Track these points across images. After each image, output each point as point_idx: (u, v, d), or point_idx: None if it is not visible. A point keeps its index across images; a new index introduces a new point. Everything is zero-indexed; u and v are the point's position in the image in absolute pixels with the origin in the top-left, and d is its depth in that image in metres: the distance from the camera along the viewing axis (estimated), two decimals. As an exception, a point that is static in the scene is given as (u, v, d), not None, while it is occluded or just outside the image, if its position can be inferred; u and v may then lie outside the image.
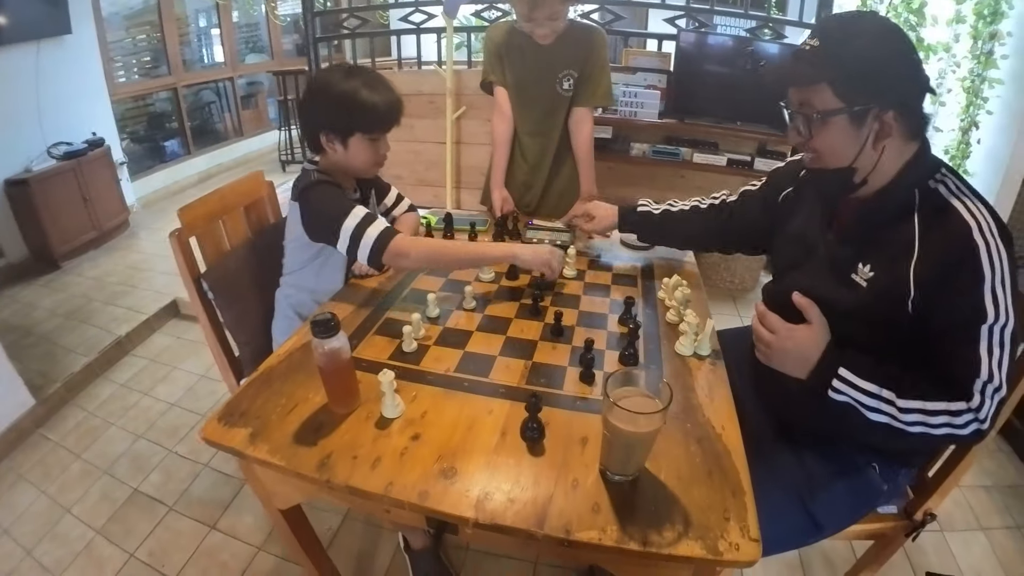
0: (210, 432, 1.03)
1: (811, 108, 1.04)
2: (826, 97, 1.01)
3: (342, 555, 1.78)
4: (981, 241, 0.94)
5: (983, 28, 2.50)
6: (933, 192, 1.02)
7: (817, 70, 1.01)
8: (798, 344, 1.06)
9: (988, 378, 0.96)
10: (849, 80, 0.98)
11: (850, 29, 1.01)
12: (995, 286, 0.93)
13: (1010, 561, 1.82)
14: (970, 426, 0.98)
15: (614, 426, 0.86)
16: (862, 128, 1.01)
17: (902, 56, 0.98)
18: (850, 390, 1.01)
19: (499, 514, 0.86)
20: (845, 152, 1.04)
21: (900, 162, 1.04)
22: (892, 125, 0.99)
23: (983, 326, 0.95)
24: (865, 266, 1.08)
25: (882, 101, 0.98)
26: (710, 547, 0.82)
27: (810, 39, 1.03)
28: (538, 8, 1.74)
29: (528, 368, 1.20)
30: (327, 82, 1.41)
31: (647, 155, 3.15)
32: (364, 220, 1.37)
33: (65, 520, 1.93)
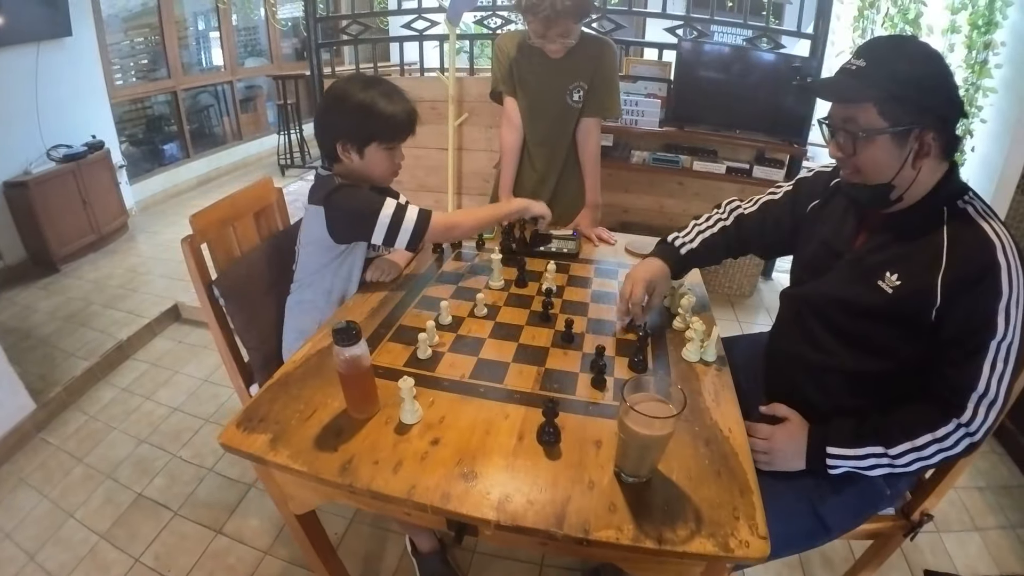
0: (228, 438, 1.04)
1: (856, 126, 1.07)
2: (871, 116, 1.04)
3: (349, 558, 1.79)
4: (1004, 260, 0.99)
5: (977, 38, 2.54)
6: (961, 211, 1.07)
7: (863, 89, 1.04)
8: (785, 441, 1.17)
9: (984, 392, 1.01)
10: (894, 100, 1.02)
11: (895, 51, 1.05)
12: (1010, 304, 0.98)
13: (1004, 559, 1.85)
14: (961, 443, 1.04)
15: (630, 429, 0.88)
16: (904, 147, 1.04)
17: (943, 78, 1.02)
18: (843, 462, 1.11)
19: (520, 515, 0.88)
20: (887, 169, 1.07)
21: (933, 181, 1.09)
22: (931, 145, 1.03)
23: (992, 341, 0.99)
24: (892, 274, 1.11)
25: (923, 121, 1.02)
26: (721, 544, 0.85)
27: (855, 59, 1.07)
28: (553, 26, 1.76)
29: (541, 374, 1.23)
30: (345, 92, 1.43)
31: (647, 162, 3.18)
32: (399, 209, 1.45)
33: (68, 524, 1.93)
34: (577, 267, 1.74)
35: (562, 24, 1.76)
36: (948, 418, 1.04)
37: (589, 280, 1.66)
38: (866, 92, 1.04)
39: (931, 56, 1.04)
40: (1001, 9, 2.47)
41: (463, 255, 1.81)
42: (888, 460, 1.07)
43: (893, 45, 1.10)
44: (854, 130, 1.07)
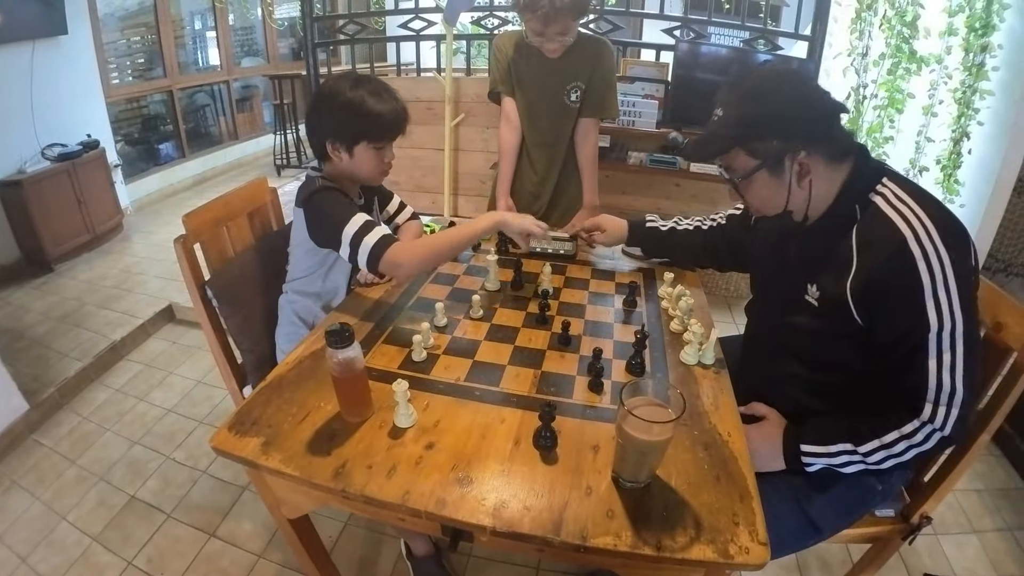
0: (220, 441, 1.02)
1: (735, 172, 1.13)
2: (741, 159, 1.09)
3: (343, 562, 1.78)
4: (917, 249, 0.95)
5: (975, 41, 2.54)
6: (872, 205, 1.05)
7: (726, 139, 1.10)
8: (761, 440, 1.18)
9: (938, 387, 0.99)
10: (754, 139, 1.06)
11: (741, 93, 1.09)
12: (936, 292, 0.95)
13: (1001, 562, 1.85)
14: (932, 439, 1.02)
15: (628, 434, 0.87)
16: (782, 175, 1.08)
17: (793, 101, 1.04)
18: (818, 459, 1.11)
19: (516, 521, 0.87)
20: (776, 200, 1.12)
21: (834, 188, 1.10)
22: (808, 163, 1.05)
23: (928, 335, 0.97)
24: (812, 286, 1.14)
25: (790, 146, 1.04)
26: (721, 550, 0.84)
27: (716, 110, 1.12)
28: (551, 24, 1.75)
29: (537, 377, 1.22)
30: (334, 91, 1.41)
31: (644, 163, 3.17)
32: (363, 227, 1.36)
33: (61, 527, 1.92)
34: (574, 268, 1.73)
35: (561, 22, 1.75)
36: (911, 417, 1.02)
37: (586, 282, 1.65)
38: (728, 141, 1.10)
39: (782, 83, 1.07)
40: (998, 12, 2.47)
41: (459, 256, 1.79)
42: (859, 458, 1.06)
43: (736, 89, 1.11)
44: (733, 177, 1.13)
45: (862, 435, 1.06)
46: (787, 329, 1.22)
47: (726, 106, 1.10)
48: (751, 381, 1.35)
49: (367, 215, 1.41)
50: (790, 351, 1.23)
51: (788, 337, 1.23)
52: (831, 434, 1.10)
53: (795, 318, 1.18)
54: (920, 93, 2.82)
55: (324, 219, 1.42)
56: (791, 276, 1.20)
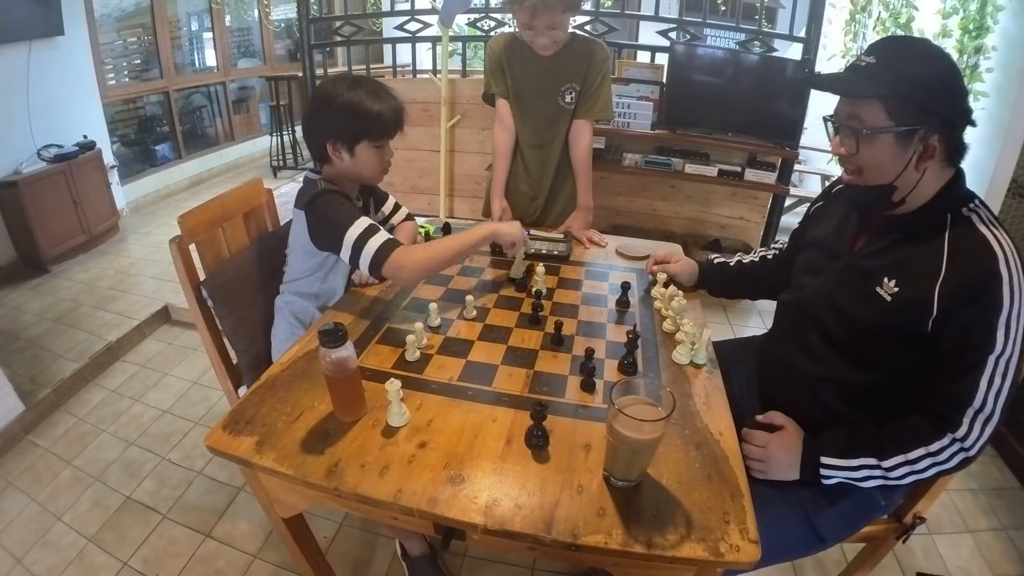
0: (215, 440, 1.03)
1: (860, 123, 1.05)
2: (876, 113, 1.02)
3: (339, 563, 1.78)
4: (1005, 272, 0.96)
5: (969, 42, 2.56)
6: (965, 219, 1.04)
7: (870, 86, 1.03)
8: (780, 449, 1.15)
9: (980, 407, 0.99)
10: (900, 99, 1.00)
11: (905, 51, 1.03)
12: (1010, 318, 0.96)
13: (996, 561, 1.86)
14: (955, 457, 1.02)
15: (619, 433, 0.88)
16: (908, 148, 1.02)
17: (952, 82, 1.01)
18: (836, 472, 1.09)
19: (508, 520, 0.87)
20: (889, 169, 1.06)
21: (937, 186, 1.07)
22: (936, 148, 1.01)
23: (990, 356, 0.97)
24: (891, 281, 1.09)
25: (929, 123, 1.00)
26: (712, 548, 0.84)
27: (865, 56, 1.05)
28: (538, 16, 1.75)
29: (530, 377, 1.22)
30: (332, 92, 1.42)
31: (640, 165, 3.18)
32: (366, 231, 1.38)
33: (56, 528, 1.92)
34: (568, 269, 1.73)
35: (548, 15, 1.75)
36: (943, 432, 1.02)
37: (580, 282, 1.65)
38: (872, 89, 1.02)
39: (942, 59, 1.02)
40: (992, 14, 2.48)
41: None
42: (881, 472, 1.05)
43: (904, 45, 1.08)
44: (858, 127, 1.05)
45: (886, 449, 1.05)
46: (839, 322, 1.19)
47: (881, 55, 1.03)
48: (774, 383, 1.34)
49: (369, 218, 1.42)
50: (836, 347, 1.21)
51: (838, 331, 1.20)
52: (853, 447, 1.08)
53: (854, 309, 1.15)
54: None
55: (326, 222, 1.43)
56: (862, 266, 1.16)
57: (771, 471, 1.15)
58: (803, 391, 1.26)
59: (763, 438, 1.17)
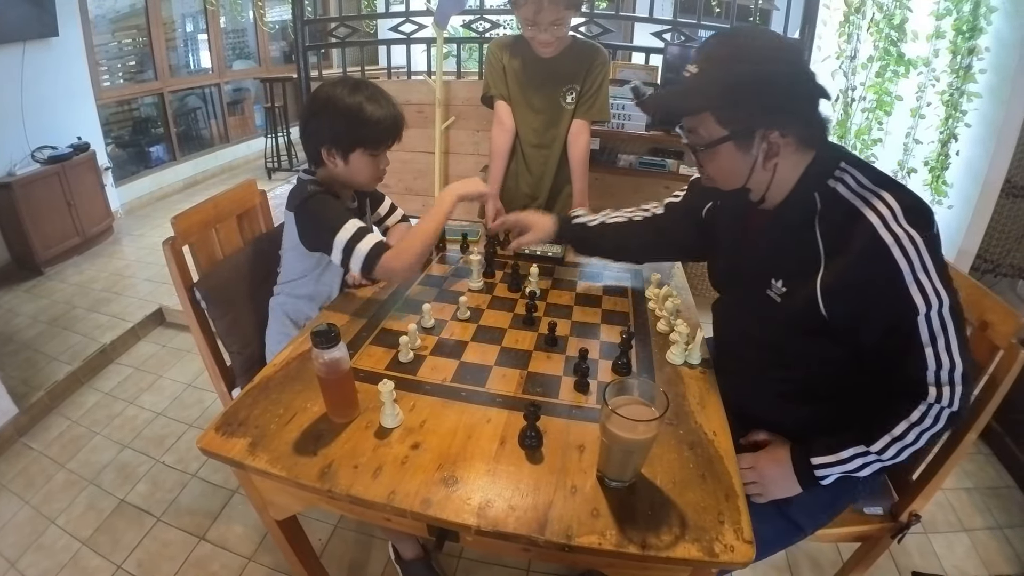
0: (208, 442, 1.02)
1: (698, 137, 1.04)
2: (710, 125, 1.00)
3: (333, 565, 1.78)
4: (889, 236, 0.91)
5: (962, 43, 2.55)
6: (831, 192, 1.00)
7: (697, 100, 1.00)
8: (769, 464, 1.13)
9: (938, 366, 0.95)
10: (728, 106, 0.97)
11: (727, 51, 0.99)
12: (917, 276, 0.91)
13: (992, 560, 1.86)
14: (941, 417, 0.99)
15: (613, 433, 0.88)
16: (750, 151, 1.00)
17: (783, 72, 0.96)
18: (832, 469, 1.07)
19: (501, 521, 0.87)
20: (736, 176, 1.05)
21: (798, 172, 1.03)
22: (779, 143, 0.98)
23: (917, 318, 0.93)
24: (777, 281, 1.09)
25: (765, 122, 0.97)
26: (706, 549, 0.84)
27: (691, 65, 1.02)
28: (542, 12, 1.77)
29: (524, 377, 1.22)
30: (331, 96, 1.40)
31: (634, 166, 3.18)
32: (356, 234, 1.37)
33: (50, 531, 1.90)
34: (562, 270, 1.73)
35: (551, 11, 1.77)
36: (916, 403, 0.98)
37: (574, 283, 1.66)
38: (699, 102, 1.00)
39: (767, 49, 0.98)
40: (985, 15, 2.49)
41: (447, 258, 1.80)
42: (874, 456, 1.03)
43: (724, 43, 1.02)
44: (696, 142, 1.04)
45: (871, 434, 1.02)
46: (753, 326, 1.19)
47: (705, 62, 1.00)
48: (726, 386, 1.29)
49: (359, 220, 1.42)
50: (759, 349, 1.20)
51: (755, 334, 1.20)
52: (839, 440, 1.06)
53: (759, 314, 1.15)
54: (908, 95, 2.83)
55: (315, 224, 1.42)
56: (752, 270, 1.15)
57: (769, 490, 1.13)
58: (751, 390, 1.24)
59: (750, 459, 1.15)
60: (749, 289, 1.16)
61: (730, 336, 1.33)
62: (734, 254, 1.24)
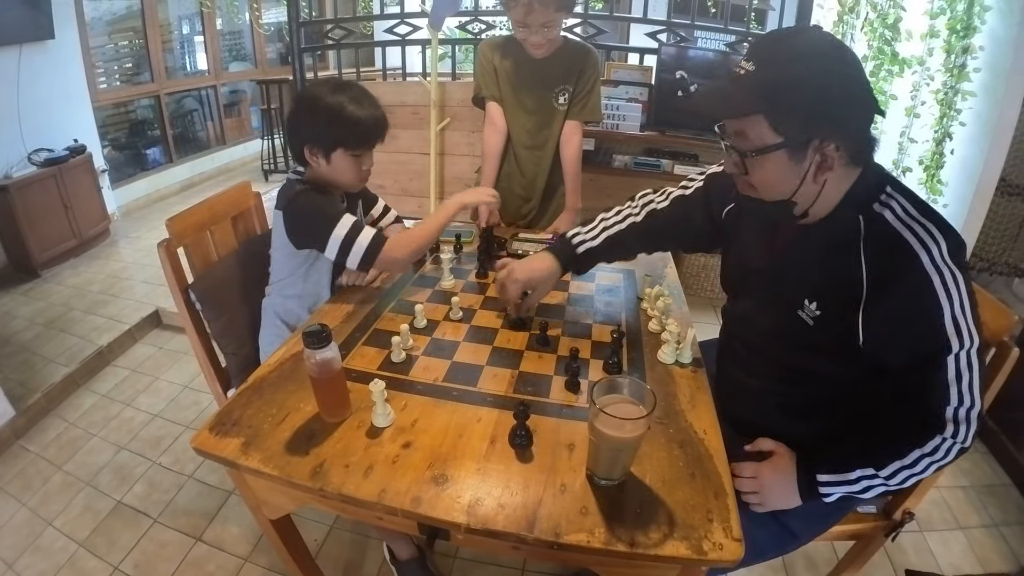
0: (201, 442, 1.03)
1: (745, 141, 0.96)
2: (762, 129, 0.93)
3: (329, 566, 1.78)
4: (934, 271, 0.89)
5: (956, 42, 2.56)
6: (878, 218, 0.95)
7: (751, 100, 0.92)
8: (772, 474, 1.10)
9: (959, 403, 0.94)
10: (786, 111, 0.90)
11: (787, 51, 0.92)
12: (955, 314, 0.89)
13: (987, 558, 1.87)
14: (952, 452, 0.98)
15: (601, 432, 0.88)
16: (802, 161, 0.93)
17: (845, 81, 0.90)
18: (836, 488, 1.04)
19: (490, 519, 0.88)
20: (784, 187, 0.98)
21: (843, 189, 0.98)
22: (834, 157, 0.92)
23: (948, 357, 0.92)
24: (812, 303, 1.03)
25: (822, 133, 0.91)
26: (695, 547, 0.84)
27: (744, 61, 0.94)
28: (533, 13, 1.77)
29: (515, 377, 1.23)
30: (314, 96, 1.42)
31: (629, 167, 3.19)
32: (353, 228, 1.41)
33: (47, 533, 1.91)
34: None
35: (542, 13, 1.77)
36: (932, 435, 0.97)
37: (566, 283, 1.65)
38: (753, 103, 0.92)
39: (830, 51, 0.91)
40: (980, 14, 2.49)
41: (440, 260, 1.80)
42: (880, 481, 1.00)
43: (783, 43, 0.95)
44: (744, 147, 0.97)
45: (880, 458, 1.00)
46: (768, 340, 1.17)
47: (762, 61, 0.92)
48: (728, 393, 1.28)
49: (353, 216, 1.43)
50: (774, 365, 1.17)
51: (768, 350, 1.18)
52: (848, 460, 1.03)
53: (783, 333, 1.10)
54: (902, 95, 2.84)
55: (308, 221, 1.43)
56: (782, 287, 1.10)
57: (768, 501, 1.10)
58: (747, 404, 1.24)
59: (752, 468, 1.12)
60: (777, 307, 1.10)
61: (737, 343, 1.29)
62: (759, 264, 1.18)
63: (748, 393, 1.23)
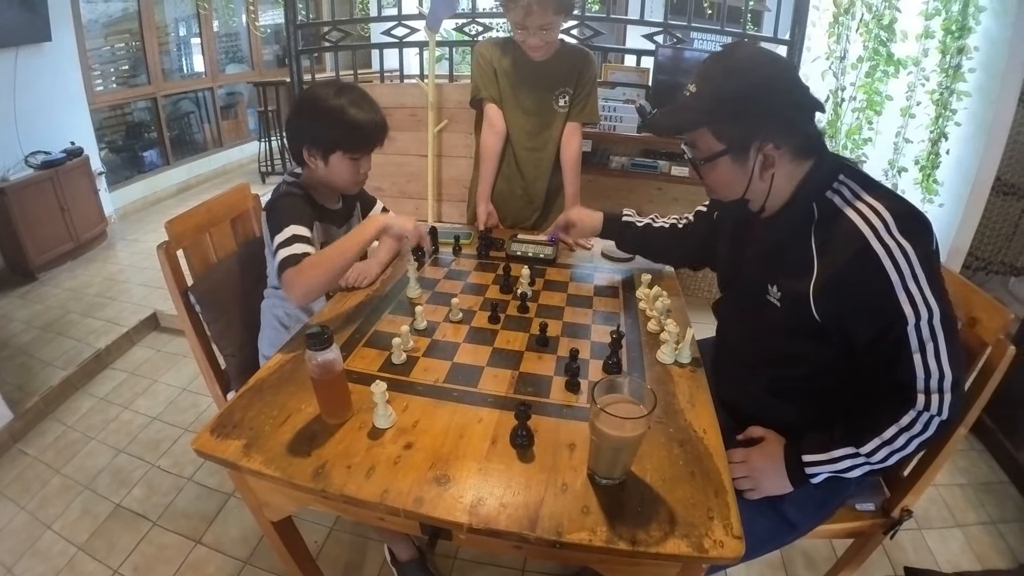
0: (202, 444, 1.03)
1: (697, 152, 1.10)
2: (707, 140, 1.06)
3: (329, 567, 1.78)
4: (880, 247, 0.94)
5: (951, 43, 2.57)
6: (828, 204, 1.04)
7: (693, 116, 1.06)
8: (761, 459, 1.15)
9: (927, 375, 0.97)
10: (724, 121, 1.03)
11: (722, 68, 1.04)
12: (907, 286, 0.94)
13: (985, 555, 1.88)
14: (931, 425, 1.00)
15: (601, 431, 0.89)
16: (746, 163, 1.05)
17: (775, 85, 1.01)
18: (822, 468, 1.08)
19: (492, 518, 0.88)
20: (735, 187, 1.10)
21: (794, 182, 1.08)
22: (774, 155, 1.03)
23: (907, 328, 0.95)
24: (773, 286, 1.13)
25: (761, 135, 1.02)
26: (695, 545, 0.85)
27: (690, 84, 1.07)
28: (531, 15, 1.78)
29: (515, 378, 1.23)
30: (315, 97, 1.42)
31: (626, 168, 3.19)
32: (288, 240, 1.34)
33: (46, 536, 1.91)
34: (553, 271, 1.74)
35: (540, 15, 1.78)
36: (906, 408, 1.00)
37: (565, 284, 1.66)
38: (696, 118, 1.06)
39: (759, 63, 1.03)
40: (974, 15, 2.50)
41: (440, 260, 1.81)
42: (863, 459, 1.04)
43: (719, 61, 1.07)
44: (695, 157, 1.11)
45: (861, 435, 1.03)
46: (753, 328, 1.23)
47: (703, 80, 1.05)
48: (723, 383, 1.34)
49: (304, 227, 1.37)
50: (757, 350, 1.24)
51: (754, 335, 1.23)
52: (830, 440, 1.07)
53: (759, 317, 1.18)
54: (898, 95, 2.85)
55: (270, 220, 1.43)
56: (752, 275, 1.20)
57: (760, 486, 1.14)
58: (745, 388, 1.28)
59: (741, 453, 1.17)
60: (750, 294, 1.20)
61: (730, 335, 1.39)
62: (737, 258, 1.28)
63: (741, 379, 1.29)
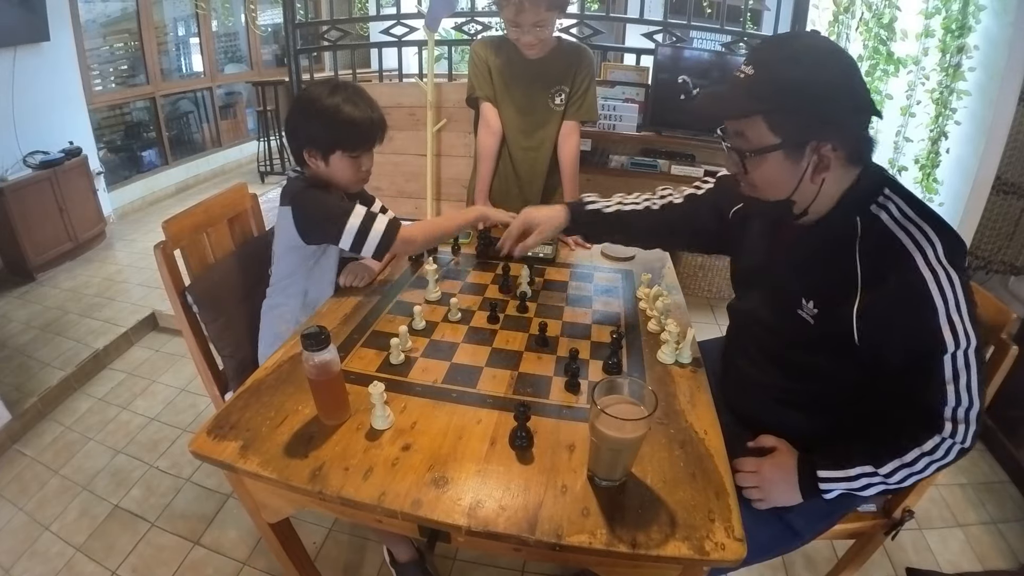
0: (199, 445, 1.02)
1: (745, 142, 0.99)
2: (760, 131, 0.96)
3: (328, 568, 1.78)
4: (928, 273, 0.90)
5: (951, 42, 2.57)
6: (875, 220, 0.98)
7: (750, 102, 0.95)
8: (773, 470, 1.11)
9: (957, 403, 0.95)
10: (783, 112, 0.93)
11: (784, 54, 0.96)
12: (950, 315, 0.90)
13: (986, 555, 1.88)
14: (952, 452, 0.98)
15: (602, 432, 0.88)
16: (800, 162, 0.96)
17: (841, 82, 0.93)
18: (836, 484, 1.04)
19: (491, 521, 0.87)
20: (782, 187, 1.00)
21: (840, 189, 1.01)
22: (831, 157, 0.95)
23: (944, 356, 0.92)
24: (809, 302, 1.06)
25: (820, 133, 0.93)
26: (696, 547, 0.84)
27: (745, 66, 0.98)
28: (523, 12, 1.77)
29: (514, 378, 1.22)
30: (311, 98, 1.42)
31: (626, 167, 3.19)
32: (367, 217, 1.44)
33: (44, 537, 1.90)
34: (552, 271, 1.74)
35: (533, 12, 1.77)
36: (932, 434, 0.97)
37: (565, 284, 1.66)
38: (751, 104, 0.95)
39: (826, 55, 0.94)
40: (974, 14, 2.50)
41: (439, 260, 1.80)
42: (880, 479, 1.01)
43: (781, 46, 0.99)
44: (743, 147, 1.00)
45: (880, 456, 1.00)
46: (774, 338, 1.18)
47: (761, 64, 0.95)
48: (730, 388, 1.32)
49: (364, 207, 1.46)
50: (775, 362, 1.19)
51: (772, 347, 1.19)
52: (848, 457, 1.03)
53: (784, 329, 1.13)
54: (898, 94, 2.85)
55: (319, 215, 1.44)
56: (783, 284, 1.12)
57: (770, 496, 1.10)
58: (752, 398, 1.25)
59: (753, 463, 1.13)
60: (777, 303, 1.14)
61: (743, 339, 1.32)
62: (763, 262, 1.21)
63: (751, 385, 1.25)
